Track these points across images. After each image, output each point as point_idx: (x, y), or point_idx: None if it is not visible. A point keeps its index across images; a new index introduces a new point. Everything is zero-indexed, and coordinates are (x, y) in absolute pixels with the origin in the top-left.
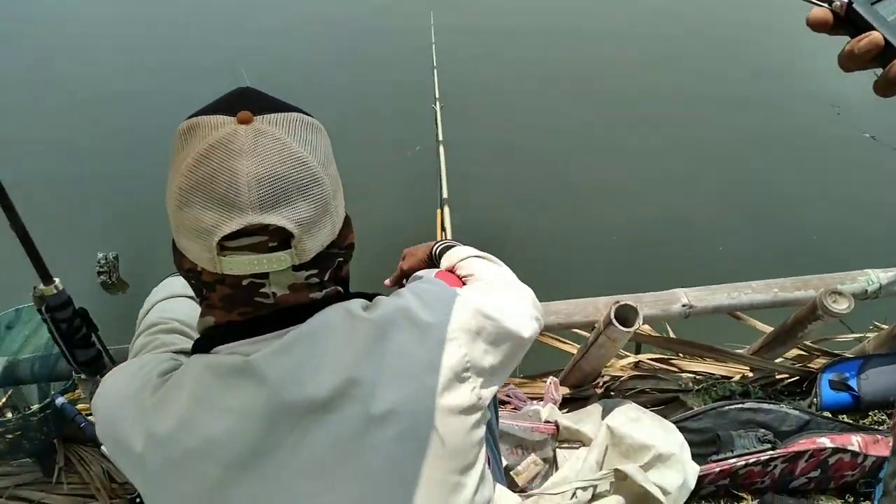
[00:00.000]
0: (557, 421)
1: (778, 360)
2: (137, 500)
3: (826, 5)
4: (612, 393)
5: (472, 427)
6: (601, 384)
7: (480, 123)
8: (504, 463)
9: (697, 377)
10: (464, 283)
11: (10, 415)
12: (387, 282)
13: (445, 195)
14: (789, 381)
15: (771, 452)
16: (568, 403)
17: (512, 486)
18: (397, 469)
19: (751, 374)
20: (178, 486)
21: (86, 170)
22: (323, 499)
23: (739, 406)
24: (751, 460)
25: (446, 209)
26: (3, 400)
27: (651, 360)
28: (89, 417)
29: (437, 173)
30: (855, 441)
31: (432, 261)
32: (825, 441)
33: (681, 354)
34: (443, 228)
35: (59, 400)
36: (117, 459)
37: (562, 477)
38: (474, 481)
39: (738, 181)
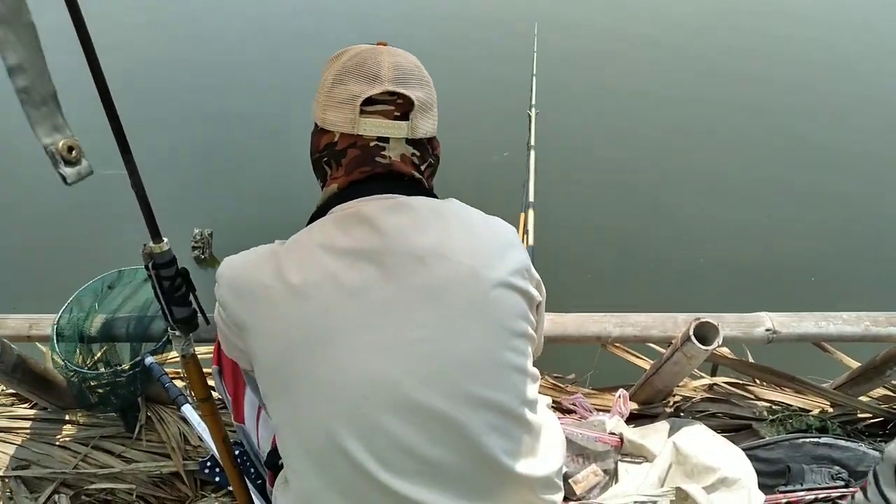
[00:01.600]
0: (622, 434)
1: (862, 398)
2: (208, 463)
3: None
4: (681, 413)
5: (528, 311)
6: (671, 403)
7: (574, 133)
8: (564, 470)
9: (774, 407)
10: None
11: (103, 369)
12: None
13: (532, 199)
14: (872, 420)
15: (843, 490)
16: (635, 419)
17: (569, 494)
18: (471, 319)
19: (831, 410)
20: (295, 310)
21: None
22: (412, 333)
23: (815, 440)
24: (820, 496)
25: (531, 212)
26: (98, 355)
27: (727, 383)
28: (174, 380)
29: (524, 177)
30: None
31: None
32: None
33: (758, 381)
34: (525, 231)
35: (149, 360)
36: (239, 299)
37: (621, 490)
38: (530, 352)
39: (836, 214)
